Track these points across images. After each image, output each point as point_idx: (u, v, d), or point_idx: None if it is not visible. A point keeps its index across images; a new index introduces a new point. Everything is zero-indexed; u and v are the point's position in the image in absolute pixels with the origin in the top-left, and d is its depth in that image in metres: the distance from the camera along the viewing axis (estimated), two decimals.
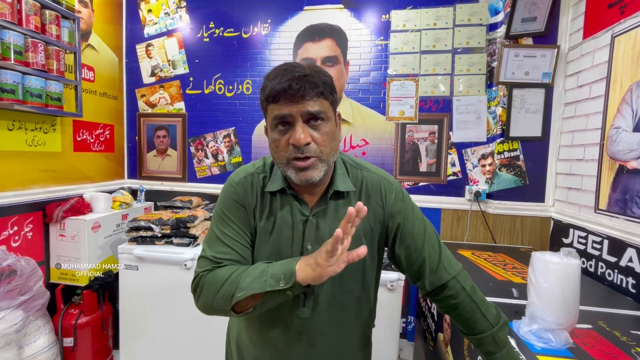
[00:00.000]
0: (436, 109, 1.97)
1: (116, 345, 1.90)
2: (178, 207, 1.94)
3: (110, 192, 2.01)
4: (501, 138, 1.82)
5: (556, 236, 1.70)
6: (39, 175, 1.71)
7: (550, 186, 1.77)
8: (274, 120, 0.64)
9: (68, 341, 1.68)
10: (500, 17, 1.82)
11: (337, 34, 2.04)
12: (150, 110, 2.30)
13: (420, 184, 2.01)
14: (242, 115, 2.18)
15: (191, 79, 2.23)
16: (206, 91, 2.22)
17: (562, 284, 0.82)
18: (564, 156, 1.70)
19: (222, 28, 2.17)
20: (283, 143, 0.65)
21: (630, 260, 1.22)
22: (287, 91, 0.61)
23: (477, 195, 1.87)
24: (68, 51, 1.74)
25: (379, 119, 2.03)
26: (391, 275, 1.52)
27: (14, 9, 1.44)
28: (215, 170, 2.25)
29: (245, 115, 2.18)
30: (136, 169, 2.34)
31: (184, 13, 2.21)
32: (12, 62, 1.44)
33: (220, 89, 2.20)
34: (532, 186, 1.80)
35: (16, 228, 1.59)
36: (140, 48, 2.28)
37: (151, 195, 2.28)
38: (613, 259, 1.30)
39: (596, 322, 0.99)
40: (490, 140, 1.90)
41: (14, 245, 1.59)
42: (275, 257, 0.70)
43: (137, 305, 1.73)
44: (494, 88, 1.85)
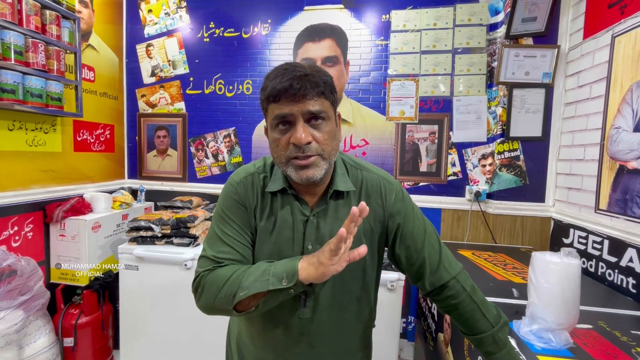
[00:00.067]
0: (436, 109, 1.97)
1: (116, 345, 1.90)
2: (178, 207, 1.94)
3: (110, 192, 2.01)
4: (501, 138, 1.82)
5: (556, 236, 1.70)
6: (39, 175, 1.71)
7: (550, 186, 1.77)
8: (275, 119, 0.64)
9: (68, 341, 1.68)
10: (500, 17, 1.82)
11: (337, 34, 2.04)
12: (150, 110, 2.30)
13: (420, 184, 2.01)
14: (243, 115, 2.18)
15: (191, 79, 2.23)
16: (206, 91, 2.22)
17: (563, 284, 0.82)
18: (564, 156, 1.70)
19: (223, 28, 2.17)
20: (284, 142, 0.64)
21: (630, 260, 1.22)
22: (288, 90, 0.61)
23: (478, 195, 1.87)
24: (68, 51, 1.75)
25: (379, 119, 2.03)
26: (391, 275, 1.52)
27: (15, 9, 1.45)
28: (215, 170, 2.25)
29: (245, 115, 2.18)
30: (136, 169, 2.34)
31: (184, 13, 2.21)
32: (13, 62, 1.45)
33: (220, 89, 2.20)
34: (533, 186, 1.80)
35: (16, 228, 1.60)
36: (140, 48, 2.28)
37: (151, 195, 2.28)
38: (613, 259, 1.30)
39: (596, 322, 0.99)
40: (490, 140, 1.90)
41: (15, 245, 1.59)
42: (275, 257, 0.70)
43: (138, 305, 1.73)
44: (494, 88, 1.84)
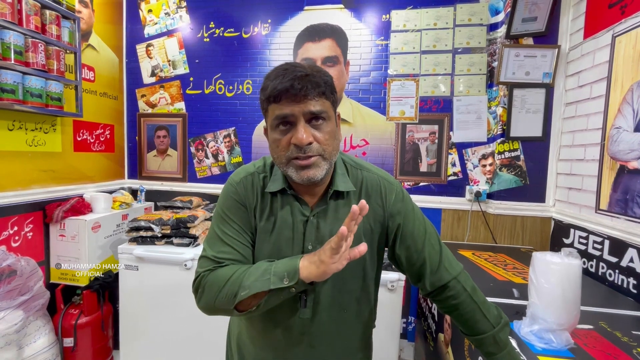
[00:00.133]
0: (436, 109, 1.97)
1: (116, 345, 1.90)
2: (178, 207, 1.93)
3: (110, 192, 2.01)
4: (502, 138, 1.82)
5: (557, 236, 1.70)
6: (39, 175, 1.71)
7: (550, 186, 1.77)
8: (275, 120, 0.64)
9: (68, 341, 1.68)
10: (500, 17, 1.82)
11: (338, 34, 2.04)
12: (150, 110, 2.30)
13: (420, 184, 2.00)
14: (243, 115, 2.18)
15: (191, 79, 2.23)
16: (206, 91, 2.22)
17: (563, 285, 0.82)
18: (565, 156, 1.70)
19: (223, 28, 2.17)
20: (284, 143, 0.64)
21: (631, 260, 1.21)
22: (289, 91, 0.60)
23: (478, 195, 1.87)
24: (68, 51, 1.75)
25: (380, 119, 2.03)
26: (391, 275, 1.52)
27: (14, 9, 1.44)
28: (215, 170, 2.25)
29: (245, 115, 2.18)
30: (136, 169, 2.34)
31: (184, 13, 2.21)
32: (13, 62, 1.44)
33: (220, 89, 2.20)
34: (533, 186, 1.80)
35: (16, 228, 1.59)
36: (140, 48, 2.28)
37: (151, 195, 2.28)
38: (614, 259, 1.30)
39: (597, 323, 0.99)
40: (490, 140, 1.90)
41: (14, 245, 1.59)
42: (275, 257, 0.70)
43: (137, 305, 1.73)
44: (495, 88, 1.84)
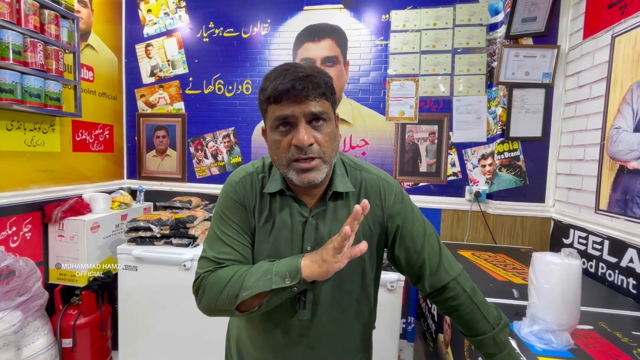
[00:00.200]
0: (436, 109, 1.97)
1: (115, 346, 1.90)
2: (177, 208, 1.93)
3: (109, 193, 2.01)
4: (501, 138, 1.82)
5: (556, 236, 1.70)
6: (38, 175, 1.70)
7: (550, 186, 1.77)
8: (276, 120, 0.63)
9: (67, 342, 1.68)
10: (500, 17, 1.82)
11: (337, 34, 2.04)
12: (149, 110, 2.29)
13: (420, 184, 2.00)
14: (242, 115, 2.18)
15: (191, 79, 2.23)
16: (206, 91, 2.21)
17: (563, 285, 0.81)
18: (564, 156, 1.69)
19: (222, 28, 2.17)
20: (285, 144, 0.64)
21: (630, 260, 1.21)
22: (290, 91, 0.60)
23: (477, 195, 1.87)
24: (67, 51, 1.74)
25: (379, 119, 2.02)
26: (391, 275, 1.51)
27: (13, 9, 1.44)
28: (214, 170, 2.25)
29: (244, 115, 2.17)
30: (135, 169, 2.34)
31: (184, 13, 2.21)
32: (11, 62, 1.44)
33: (219, 89, 2.20)
34: (533, 186, 1.80)
35: (15, 228, 1.59)
36: (139, 48, 2.27)
37: (150, 195, 2.27)
38: (614, 260, 1.29)
39: (597, 323, 0.99)
40: (490, 140, 1.90)
41: (13, 245, 1.58)
42: (274, 258, 0.69)
43: (136, 306, 1.72)
44: (494, 88, 1.84)
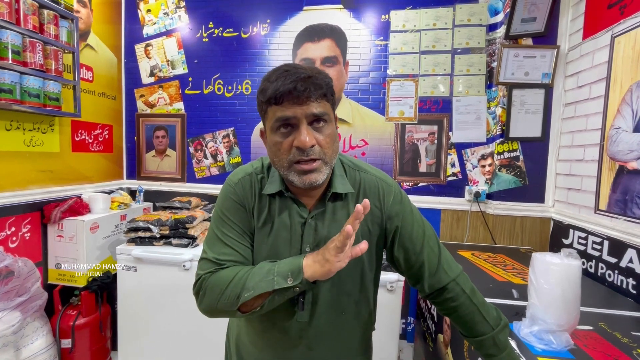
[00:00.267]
0: (436, 110, 1.97)
1: (114, 346, 1.89)
2: (177, 208, 1.93)
3: (108, 193, 2.00)
4: (501, 138, 1.82)
5: (556, 237, 1.70)
6: (37, 175, 1.70)
7: (550, 187, 1.77)
8: (276, 122, 0.63)
9: (66, 342, 1.67)
10: (500, 18, 1.81)
11: (337, 34, 2.04)
12: (149, 110, 2.29)
13: (419, 185, 2.00)
14: (242, 115, 2.17)
15: (190, 79, 2.23)
16: (205, 91, 2.21)
17: (563, 285, 0.81)
18: (564, 157, 1.69)
19: (222, 28, 2.17)
20: (286, 146, 0.63)
21: (630, 261, 1.21)
22: (292, 92, 0.60)
23: (477, 195, 1.87)
24: (66, 51, 1.74)
25: (379, 120, 2.02)
26: (391, 276, 1.51)
27: (12, 9, 1.44)
28: (214, 170, 2.25)
29: (244, 115, 2.17)
30: (135, 170, 2.33)
31: (183, 13, 2.20)
32: (10, 62, 1.44)
33: (219, 89, 2.19)
34: (532, 187, 1.80)
35: (14, 229, 1.58)
36: (139, 48, 2.27)
37: (150, 195, 2.27)
38: (613, 260, 1.29)
39: (597, 324, 0.98)
40: (490, 140, 1.90)
41: (12, 246, 1.58)
42: (273, 259, 0.69)
43: (136, 306, 1.72)
44: (494, 88, 1.84)
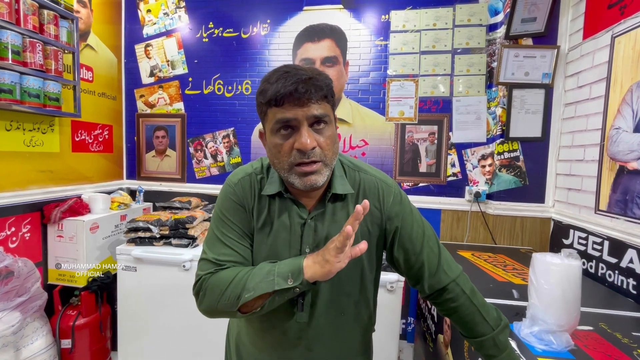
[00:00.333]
0: (436, 110, 1.96)
1: (114, 346, 1.89)
2: (177, 208, 1.93)
3: (108, 193, 2.00)
4: (501, 139, 1.82)
5: (556, 237, 1.70)
6: (37, 175, 1.70)
7: (550, 187, 1.77)
8: (277, 124, 0.62)
9: (66, 343, 1.67)
10: (500, 18, 1.81)
11: (337, 35, 2.04)
12: (149, 110, 2.29)
13: (420, 185, 2.00)
14: (242, 115, 2.17)
15: (190, 79, 2.23)
16: (205, 91, 2.21)
17: (563, 285, 0.81)
18: (564, 157, 1.69)
19: (222, 28, 2.17)
20: (287, 148, 0.63)
21: (630, 261, 1.21)
22: (293, 94, 0.59)
23: (477, 195, 1.87)
24: (66, 51, 1.74)
25: (379, 120, 2.02)
26: (391, 276, 1.51)
27: (12, 9, 1.44)
28: (214, 170, 2.24)
29: (244, 115, 2.17)
30: (135, 170, 2.33)
31: (183, 13, 2.20)
32: (10, 62, 1.43)
33: (219, 90, 2.19)
34: (532, 187, 1.80)
35: (14, 229, 1.58)
36: (139, 48, 2.27)
37: (150, 196, 2.27)
38: (613, 260, 1.29)
39: (597, 324, 0.98)
40: (490, 140, 1.90)
41: (12, 246, 1.58)
42: (273, 260, 0.69)
43: (136, 306, 1.72)
44: (494, 88, 1.84)
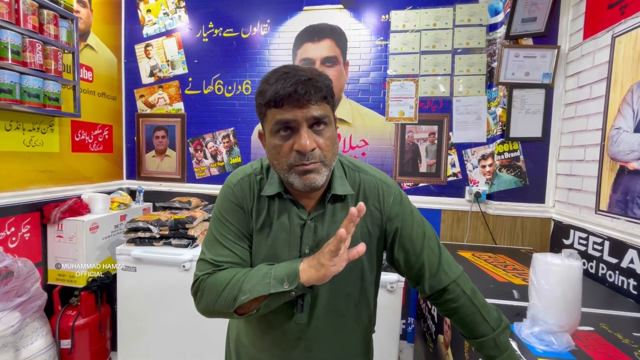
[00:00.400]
0: (436, 110, 1.96)
1: (114, 346, 1.89)
2: (177, 208, 1.93)
3: (108, 193, 2.00)
4: (501, 139, 1.82)
5: (557, 237, 1.70)
6: (37, 175, 1.70)
7: (550, 187, 1.77)
8: (276, 125, 0.62)
9: (65, 343, 1.67)
10: (500, 18, 1.81)
11: (337, 34, 2.03)
12: (149, 110, 2.29)
13: (420, 185, 2.00)
14: (242, 115, 2.17)
15: (190, 79, 2.22)
16: (205, 91, 2.21)
17: (564, 286, 0.81)
18: (565, 157, 1.69)
19: (222, 28, 2.17)
20: (286, 149, 0.62)
21: (631, 261, 1.21)
22: (292, 95, 0.59)
23: (477, 196, 1.86)
24: (66, 51, 1.74)
25: (379, 120, 2.02)
26: (391, 276, 1.51)
27: (12, 9, 1.44)
28: (214, 170, 2.24)
29: (244, 115, 2.17)
30: (135, 170, 2.33)
31: (183, 13, 2.20)
32: (10, 62, 1.43)
33: (219, 89, 2.19)
34: (533, 187, 1.79)
35: (13, 229, 1.58)
36: (139, 48, 2.27)
37: (150, 196, 2.27)
38: (614, 260, 1.29)
39: (598, 324, 0.98)
40: (490, 140, 1.90)
41: (11, 246, 1.57)
42: (272, 261, 0.69)
43: (136, 306, 1.72)
44: (494, 88, 1.84)
